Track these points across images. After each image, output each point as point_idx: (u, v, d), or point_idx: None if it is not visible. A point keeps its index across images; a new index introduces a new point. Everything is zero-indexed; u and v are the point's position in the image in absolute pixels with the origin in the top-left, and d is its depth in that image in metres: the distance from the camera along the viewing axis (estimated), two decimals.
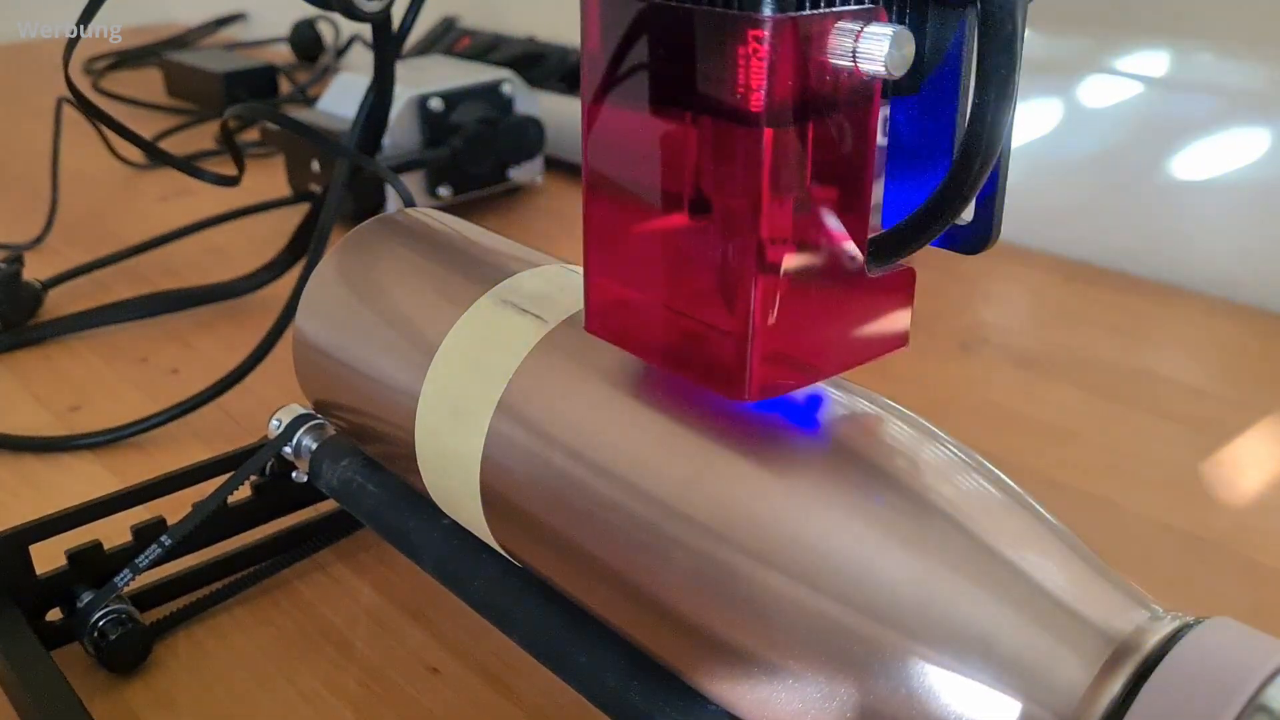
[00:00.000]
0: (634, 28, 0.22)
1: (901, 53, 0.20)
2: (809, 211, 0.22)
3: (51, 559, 0.35)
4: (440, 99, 0.70)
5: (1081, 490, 0.44)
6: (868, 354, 0.24)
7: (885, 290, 0.23)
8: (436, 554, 0.32)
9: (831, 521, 0.21)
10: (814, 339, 0.23)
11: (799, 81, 0.20)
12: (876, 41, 0.20)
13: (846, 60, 0.20)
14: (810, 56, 0.20)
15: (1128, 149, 0.64)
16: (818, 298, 0.22)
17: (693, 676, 0.24)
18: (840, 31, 0.20)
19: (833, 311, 0.23)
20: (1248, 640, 0.19)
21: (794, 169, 0.21)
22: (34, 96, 1.04)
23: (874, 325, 0.24)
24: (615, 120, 0.23)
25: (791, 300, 0.22)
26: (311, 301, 0.34)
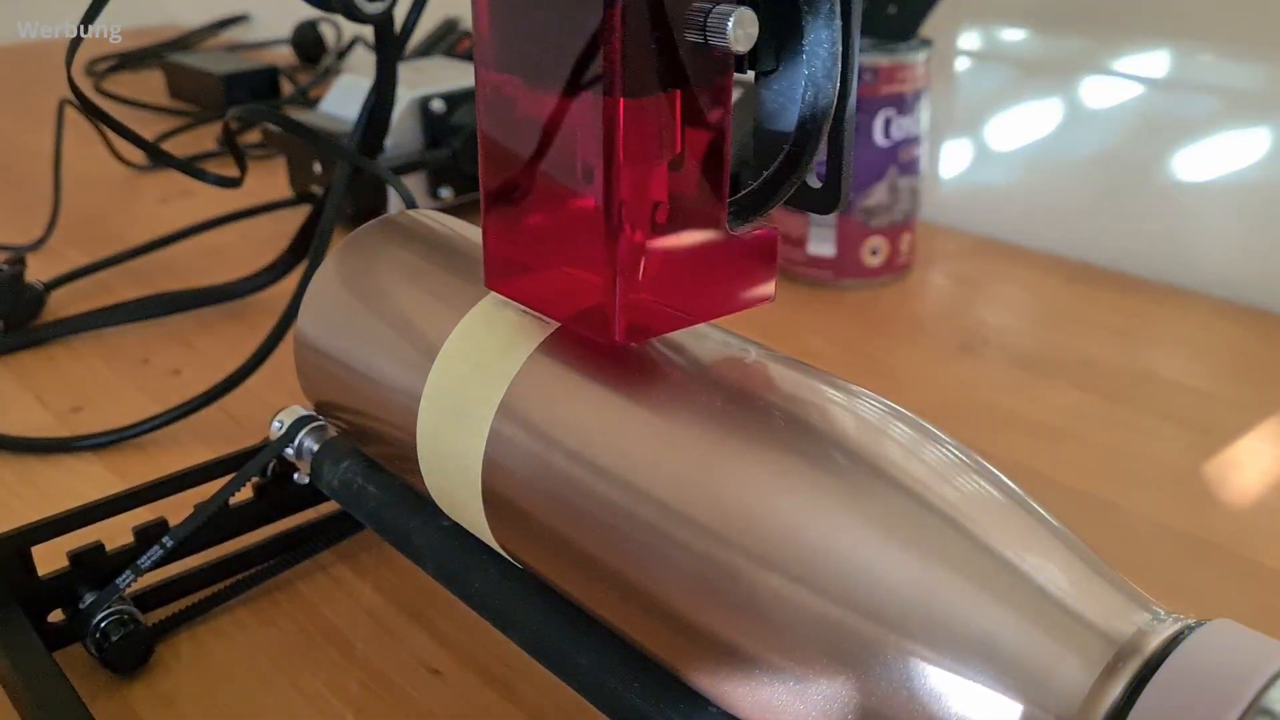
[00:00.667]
0: (516, 8, 0.25)
1: (745, 30, 0.23)
2: (672, 173, 0.24)
3: (54, 560, 0.35)
4: (442, 100, 0.70)
5: (1082, 491, 0.44)
6: (734, 306, 0.27)
7: (749, 248, 0.26)
8: (437, 555, 0.32)
9: (832, 523, 0.21)
10: (679, 288, 0.25)
11: (654, 55, 0.23)
12: (723, 19, 0.23)
13: (697, 36, 0.23)
14: (663, 32, 0.23)
15: (1129, 149, 0.64)
16: (682, 251, 0.25)
17: (693, 678, 0.24)
18: (694, 10, 0.23)
19: (696, 264, 0.26)
20: (1250, 642, 0.19)
21: (652, 136, 0.24)
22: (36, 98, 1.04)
23: (740, 279, 0.27)
24: (502, 92, 0.26)
25: (655, 253, 0.25)
26: (313, 303, 0.34)
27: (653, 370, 0.26)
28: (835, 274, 0.62)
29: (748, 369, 0.25)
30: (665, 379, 0.25)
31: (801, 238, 0.62)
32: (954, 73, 0.71)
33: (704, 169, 0.25)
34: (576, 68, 0.23)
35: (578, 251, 0.25)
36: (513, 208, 0.27)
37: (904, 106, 0.59)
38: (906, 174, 0.61)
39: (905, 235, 0.63)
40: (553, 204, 0.26)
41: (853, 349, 0.56)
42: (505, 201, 0.27)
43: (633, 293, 0.25)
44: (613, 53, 0.22)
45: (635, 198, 0.24)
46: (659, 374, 0.26)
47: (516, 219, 0.27)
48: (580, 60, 0.23)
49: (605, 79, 0.23)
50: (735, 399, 0.24)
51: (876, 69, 0.58)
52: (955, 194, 0.73)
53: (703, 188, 0.25)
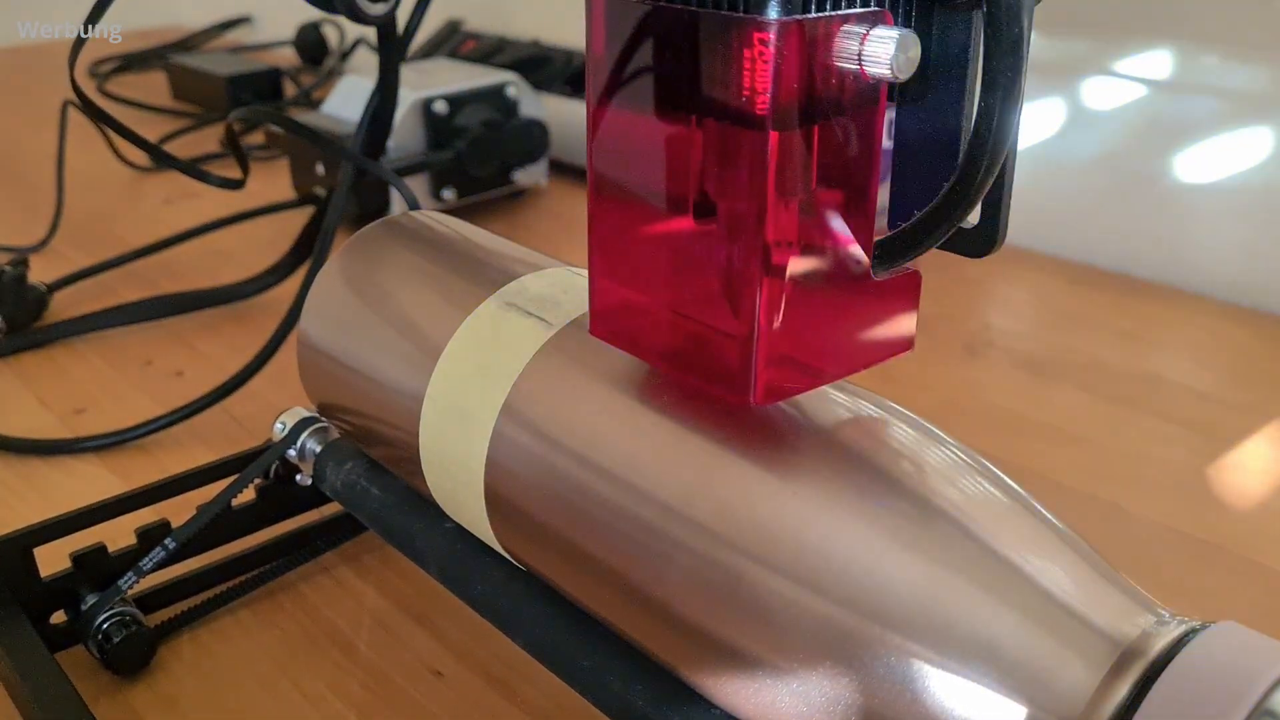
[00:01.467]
0: (639, 30, 0.22)
1: (907, 55, 0.20)
2: (814, 214, 0.22)
3: (56, 561, 0.35)
4: (445, 102, 0.70)
5: (1087, 493, 0.44)
6: (873, 357, 0.24)
7: (890, 294, 0.24)
8: (440, 557, 0.32)
9: (836, 525, 0.21)
10: (819, 342, 0.23)
11: (804, 84, 0.20)
12: (882, 44, 0.20)
13: (852, 63, 0.20)
14: (815, 59, 0.20)
15: (1133, 151, 0.64)
16: (823, 301, 0.22)
17: (696, 680, 0.24)
18: (846, 34, 0.20)
19: (838, 315, 0.23)
20: (1254, 645, 0.19)
21: (799, 172, 0.21)
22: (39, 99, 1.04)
23: (879, 328, 0.24)
24: (620, 123, 0.23)
25: (796, 303, 0.22)
26: (316, 304, 0.34)
27: (655, 372, 0.26)
28: None
29: None
30: (668, 380, 0.25)
31: None
32: None
33: (851, 210, 0.22)
34: (714, 97, 0.21)
35: (707, 301, 0.22)
36: (629, 252, 0.24)
37: None
38: None
39: None
40: (678, 249, 0.23)
41: None
42: (619, 245, 0.24)
43: (774, 348, 0.22)
44: (764, 80, 0.20)
45: (780, 240, 0.21)
46: (661, 375, 0.26)
47: (633, 265, 0.24)
48: (719, 89, 0.21)
49: (753, 110, 0.20)
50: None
51: None
52: None
53: (849, 230, 0.22)
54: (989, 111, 0.21)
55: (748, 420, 0.24)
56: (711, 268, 0.22)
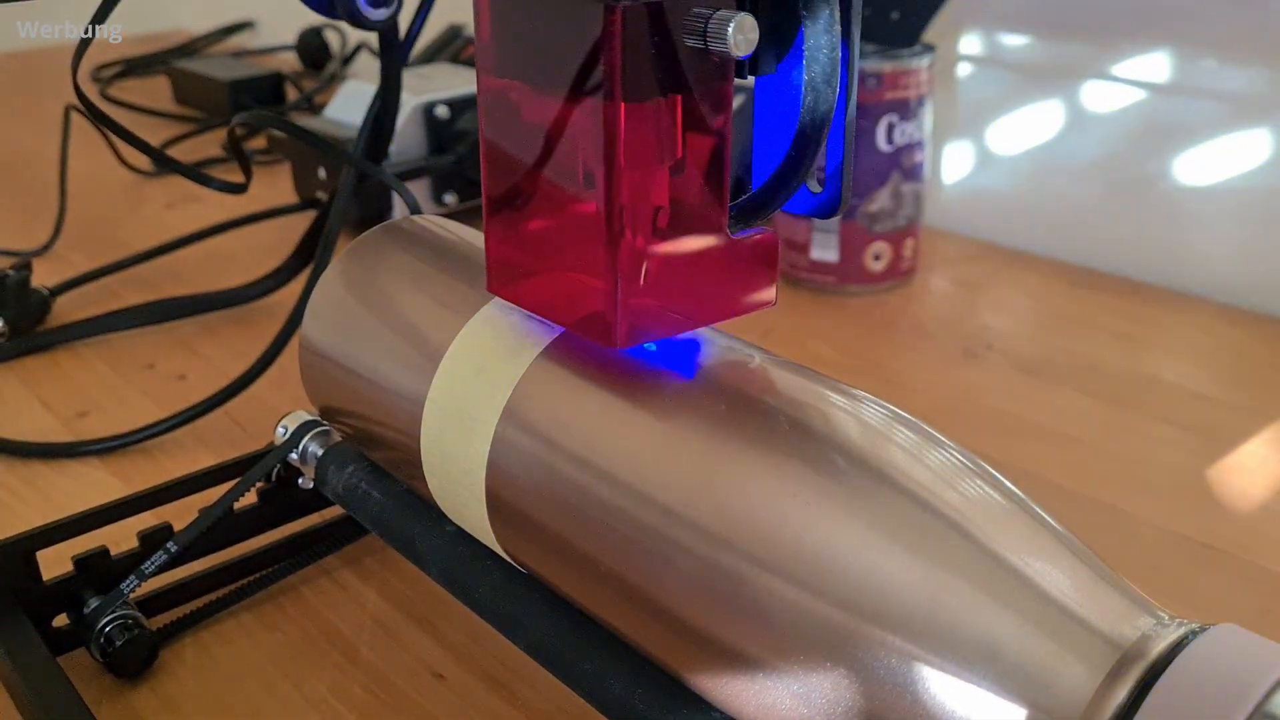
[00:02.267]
0: (518, 16, 0.25)
1: (745, 35, 0.23)
2: (673, 177, 0.24)
3: (58, 565, 0.35)
4: (446, 106, 0.70)
5: (1086, 496, 0.44)
6: (734, 310, 0.27)
7: (749, 252, 0.26)
8: (442, 560, 0.32)
9: (836, 527, 0.22)
10: (680, 293, 0.25)
11: (652, 60, 0.23)
12: (723, 24, 0.23)
13: (698, 41, 0.23)
14: (663, 38, 0.23)
15: (1131, 154, 0.64)
16: (683, 257, 0.25)
17: (698, 682, 0.24)
18: (693, 16, 0.23)
19: (697, 268, 0.26)
20: (1254, 647, 0.19)
21: (652, 141, 0.24)
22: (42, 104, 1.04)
23: (739, 284, 0.27)
24: (504, 98, 0.26)
25: (655, 257, 0.25)
26: (317, 308, 0.34)
27: (657, 375, 0.26)
28: (838, 279, 0.62)
29: (751, 374, 0.25)
30: (669, 383, 0.25)
31: (805, 243, 0.62)
32: (956, 78, 0.71)
33: (705, 174, 0.25)
34: (578, 73, 0.23)
35: (579, 256, 0.25)
36: (515, 213, 0.27)
37: (907, 112, 0.60)
38: (910, 179, 0.61)
39: (908, 240, 0.63)
40: (554, 209, 0.26)
41: (856, 354, 0.56)
42: (507, 207, 0.27)
43: (633, 297, 0.25)
44: (613, 58, 0.23)
45: (636, 202, 0.24)
46: (663, 378, 0.26)
47: (519, 224, 0.27)
48: (581, 66, 0.23)
49: (606, 84, 0.23)
50: (739, 404, 0.24)
51: (880, 74, 0.58)
52: (958, 199, 0.73)
53: (704, 192, 0.25)
54: (811, 85, 0.25)
55: (749, 423, 0.24)
56: (582, 227, 0.25)
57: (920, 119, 0.60)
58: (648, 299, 0.25)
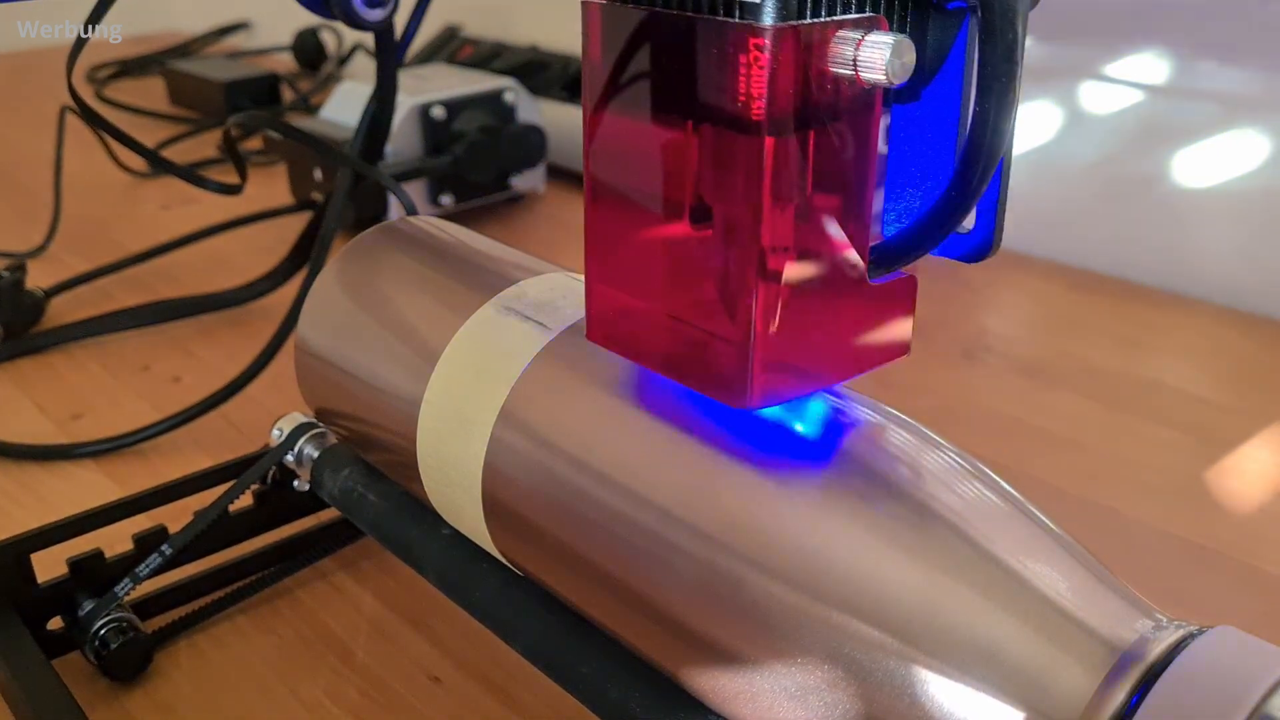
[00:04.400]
0: (635, 37, 0.22)
1: (902, 61, 0.20)
2: (810, 219, 0.22)
3: (53, 567, 0.35)
4: (442, 107, 0.70)
5: (1085, 498, 0.44)
6: (869, 362, 0.24)
7: (887, 298, 0.24)
8: (438, 563, 0.32)
9: (835, 530, 0.21)
10: (815, 347, 0.23)
11: (800, 90, 0.20)
12: (878, 50, 0.20)
13: (848, 69, 0.20)
14: (811, 65, 0.20)
15: (1131, 156, 0.64)
16: (818, 306, 0.22)
17: (695, 686, 0.24)
18: (841, 40, 0.20)
19: (833, 319, 0.23)
20: (1252, 649, 0.19)
21: (795, 177, 0.21)
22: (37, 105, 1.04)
23: (875, 333, 0.24)
24: (617, 128, 0.23)
25: (792, 308, 0.22)
26: (313, 310, 0.34)
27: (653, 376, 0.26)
28: None
29: None
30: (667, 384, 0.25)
31: None
32: None
33: (847, 215, 0.22)
34: (710, 103, 0.21)
35: (703, 306, 0.22)
36: (625, 257, 0.24)
37: None
38: None
39: None
40: (673, 254, 0.23)
41: None
42: (616, 250, 0.24)
43: (770, 352, 0.22)
44: (759, 87, 0.20)
45: (776, 245, 0.21)
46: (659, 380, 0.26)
47: (629, 270, 0.24)
48: (715, 95, 0.21)
49: (748, 116, 0.20)
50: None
51: None
52: None
53: (845, 235, 0.22)
54: (984, 115, 0.21)
55: (747, 425, 0.24)
56: (708, 273, 0.22)
57: None
58: (783, 354, 0.22)
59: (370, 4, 0.41)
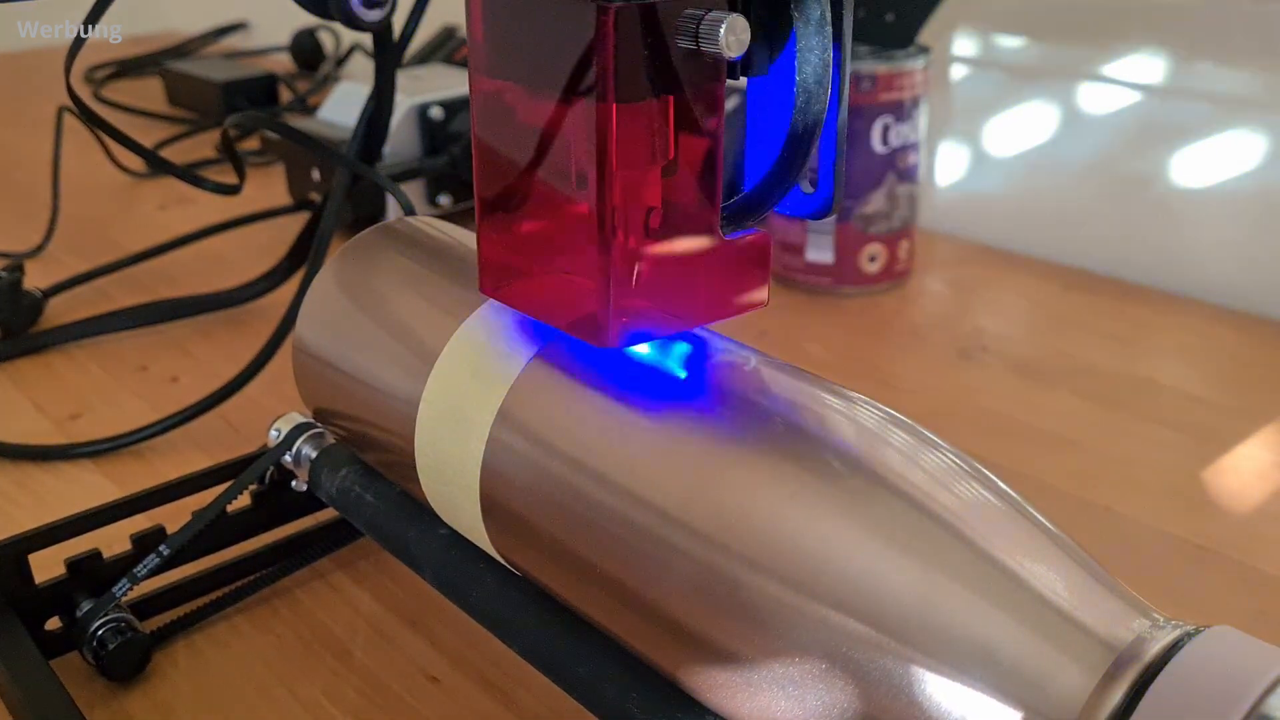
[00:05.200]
0: (509, 14, 0.25)
1: (737, 36, 0.23)
2: (666, 178, 0.24)
3: (51, 568, 0.35)
4: (440, 107, 0.70)
5: (1081, 498, 0.44)
6: (727, 311, 0.27)
7: (742, 253, 0.26)
8: (436, 563, 0.32)
9: (832, 529, 0.21)
10: (672, 293, 0.25)
11: (646, 61, 0.23)
12: (715, 25, 0.23)
13: (690, 42, 0.23)
14: (655, 39, 0.23)
15: (1126, 156, 0.64)
16: (676, 257, 0.25)
17: (692, 686, 0.24)
18: (686, 17, 0.23)
19: (690, 269, 0.26)
20: (1249, 649, 0.19)
21: (644, 140, 0.24)
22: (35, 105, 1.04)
23: (733, 284, 0.27)
24: (496, 99, 0.26)
25: (649, 259, 0.25)
26: (311, 310, 0.34)
27: (651, 377, 0.26)
28: (834, 281, 0.62)
29: (746, 376, 0.25)
30: (664, 385, 0.25)
31: (800, 245, 0.62)
32: (951, 79, 0.71)
33: (698, 175, 0.25)
34: (570, 74, 0.23)
35: (572, 257, 0.25)
36: (507, 214, 0.27)
37: (902, 113, 0.60)
38: (905, 181, 0.61)
39: (903, 242, 0.63)
40: (547, 210, 0.26)
41: (851, 356, 0.56)
42: (500, 208, 0.27)
43: (626, 298, 0.25)
44: (605, 59, 0.23)
45: (628, 203, 0.24)
46: (658, 380, 0.26)
47: (511, 225, 0.27)
48: (573, 67, 0.23)
49: (598, 85, 0.23)
50: (734, 406, 0.24)
51: (874, 76, 0.58)
52: (953, 201, 0.73)
53: (696, 193, 0.25)
54: (803, 86, 0.25)
55: (745, 425, 0.24)
56: (576, 228, 0.25)
57: (915, 120, 0.60)
58: (640, 299, 0.25)
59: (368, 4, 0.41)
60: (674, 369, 0.26)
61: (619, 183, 0.24)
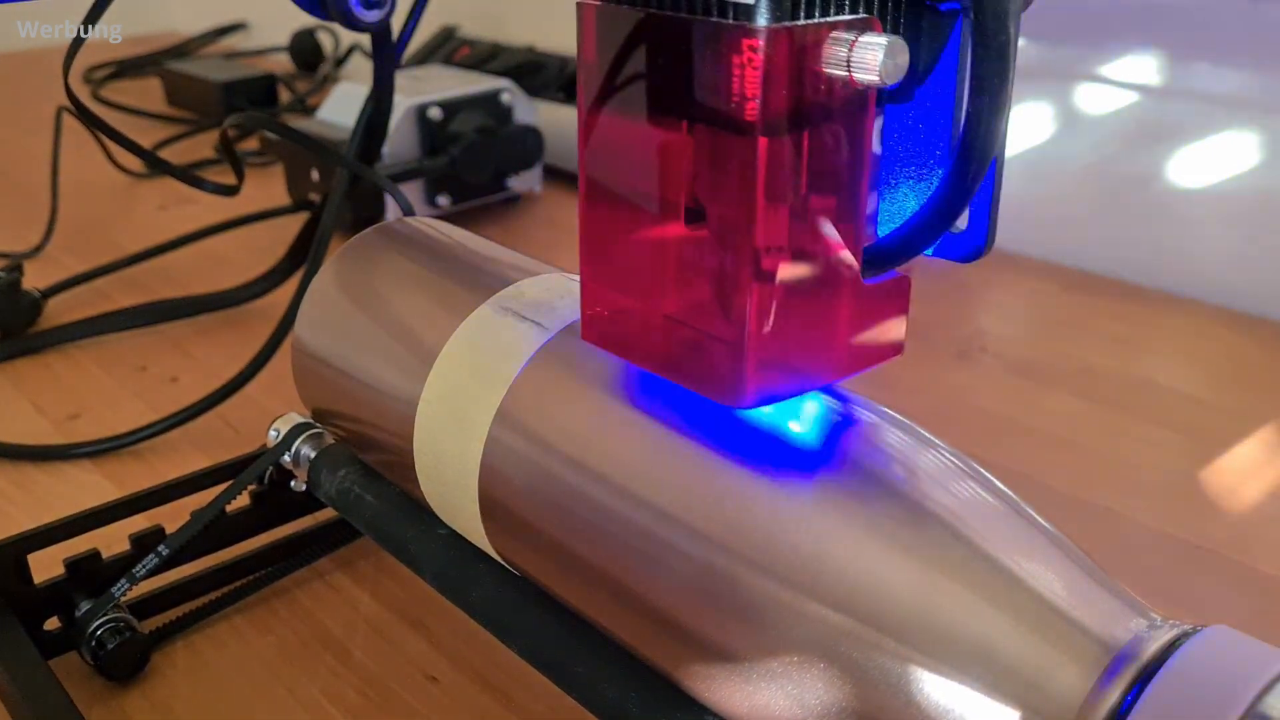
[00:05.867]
0: (630, 38, 0.22)
1: (895, 62, 0.20)
2: (804, 220, 0.22)
3: (50, 568, 0.35)
4: (439, 108, 0.70)
5: (1079, 498, 0.44)
6: (863, 362, 0.24)
7: (881, 298, 0.24)
8: (435, 563, 0.32)
9: (830, 529, 0.21)
10: (809, 346, 0.23)
11: (793, 91, 0.20)
12: (871, 51, 0.20)
13: (841, 69, 0.21)
14: (805, 66, 0.20)
15: (1125, 157, 0.64)
16: (812, 305, 0.23)
17: (691, 685, 0.24)
18: (835, 41, 0.20)
19: (828, 319, 0.23)
20: (1246, 649, 0.19)
21: (789, 177, 0.21)
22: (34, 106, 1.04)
23: (869, 333, 0.24)
24: (612, 129, 0.23)
25: (786, 308, 0.22)
26: (310, 310, 0.34)
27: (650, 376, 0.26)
28: None
29: None
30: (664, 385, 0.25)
31: None
32: None
33: (839, 213, 0.22)
34: (704, 104, 0.21)
35: (698, 306, 0.22)
36: (619, 257, 0.24)
37: None
38: None
39: None
40: (668, 252, 0.23)
41: None
42: (609, 250, 0.24)
43: (764, 352, 0.22)
44: (753, 87, 0.20)
45: (770, 245, 0.21)
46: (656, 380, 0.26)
47: (623, 270, 0.24)
48: (709, 95, 0.21)
49: (742, 116, 0.20)
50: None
51: None
52: None
53: (838, 235, 0.22)
54: (977, 115, 0.21)
55: (743, 425, 0.24)
56: (702, 273, 0.22)
57: None
58: (777, 354, 0.22)
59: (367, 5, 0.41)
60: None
61: (763, 223, 0.21)
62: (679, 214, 0.22)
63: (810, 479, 0.22)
